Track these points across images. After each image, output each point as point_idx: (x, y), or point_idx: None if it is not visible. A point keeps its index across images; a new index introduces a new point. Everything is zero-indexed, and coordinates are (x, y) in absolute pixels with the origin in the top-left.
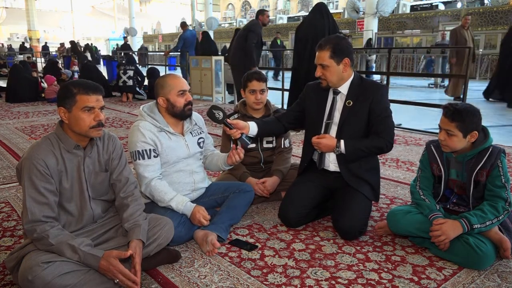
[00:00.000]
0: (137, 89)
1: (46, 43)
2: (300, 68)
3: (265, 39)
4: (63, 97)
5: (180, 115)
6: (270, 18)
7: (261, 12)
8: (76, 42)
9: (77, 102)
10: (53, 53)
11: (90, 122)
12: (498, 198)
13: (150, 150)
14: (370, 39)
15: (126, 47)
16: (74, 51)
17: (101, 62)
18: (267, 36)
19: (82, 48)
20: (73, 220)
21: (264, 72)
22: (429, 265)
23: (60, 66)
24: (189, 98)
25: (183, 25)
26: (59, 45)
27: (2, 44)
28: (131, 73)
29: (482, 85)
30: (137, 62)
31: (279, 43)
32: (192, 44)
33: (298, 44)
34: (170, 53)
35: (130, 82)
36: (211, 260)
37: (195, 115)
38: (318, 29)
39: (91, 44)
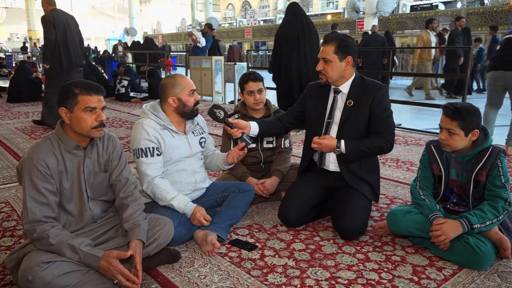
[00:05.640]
0: (132, 93)
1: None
2: (275, 69)
3: (264, 39)
4: (64, 98)
5: (190, 114)
6: (271, 18)
7: None
8: (121, 42)
9: (79, 103)
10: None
11: (92, 123)
12: (498, 198)
13: (153, 148)
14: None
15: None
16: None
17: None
18: (267, 37)
19: (124, 48)
20: (73, 220)
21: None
22: (429, 265)
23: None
24: (197, 97)
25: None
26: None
27: (25, 43)
28: (125, 82)
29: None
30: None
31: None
32: None
33: (275, 46)
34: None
35: (123, 90)
36: (211, 260)
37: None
38: (291, 31)
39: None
